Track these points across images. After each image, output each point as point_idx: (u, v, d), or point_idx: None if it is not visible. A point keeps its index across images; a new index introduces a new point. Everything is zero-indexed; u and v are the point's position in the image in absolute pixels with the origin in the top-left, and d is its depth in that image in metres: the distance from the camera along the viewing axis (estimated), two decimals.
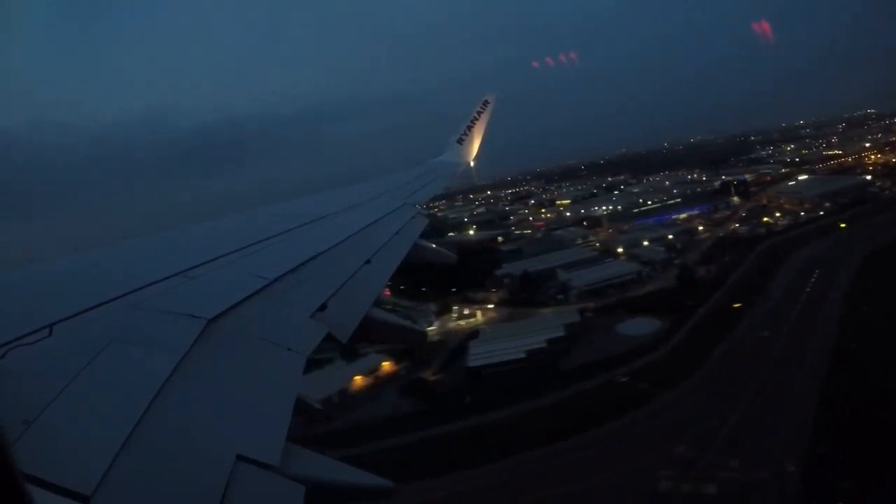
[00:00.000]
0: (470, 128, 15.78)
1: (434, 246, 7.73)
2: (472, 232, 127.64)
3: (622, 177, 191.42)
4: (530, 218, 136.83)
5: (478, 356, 57.07)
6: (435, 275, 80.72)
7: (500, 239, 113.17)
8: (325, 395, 49.14)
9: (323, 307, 3.97)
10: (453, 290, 77.42)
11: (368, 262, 5.26)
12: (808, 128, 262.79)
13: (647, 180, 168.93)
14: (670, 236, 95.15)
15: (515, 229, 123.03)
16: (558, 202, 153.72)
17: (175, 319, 3.21)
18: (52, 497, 1.70)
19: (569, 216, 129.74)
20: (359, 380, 56.99)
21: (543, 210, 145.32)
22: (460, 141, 15.61)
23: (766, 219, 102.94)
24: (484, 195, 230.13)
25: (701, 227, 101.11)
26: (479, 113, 15.97)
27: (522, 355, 55.52)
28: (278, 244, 5.35)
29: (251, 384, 2.92)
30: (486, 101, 16.23)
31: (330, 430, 45.12)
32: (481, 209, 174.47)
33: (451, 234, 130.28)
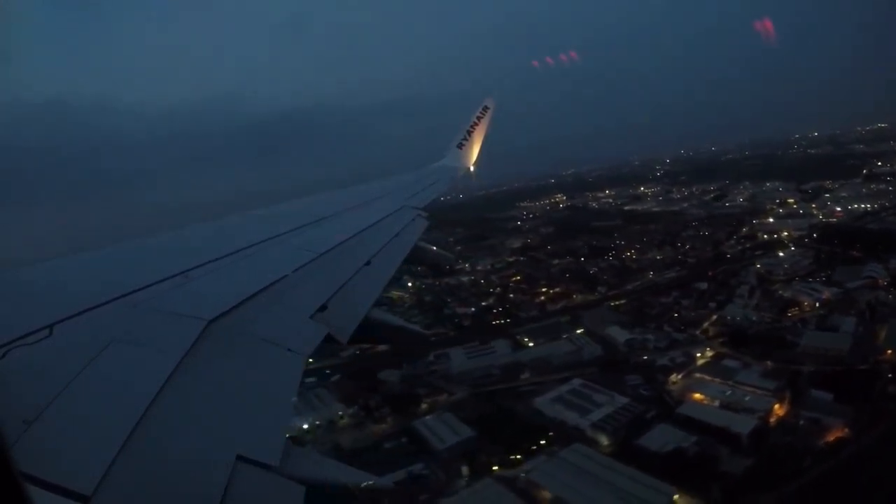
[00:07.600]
0: (470, 132, 15.97)
1: (434, 248, 7.90)
2: (771, 220, 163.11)
3: (777, 182, 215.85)
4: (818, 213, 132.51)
5: None
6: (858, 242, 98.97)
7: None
8: None
9: (323, 308, 4.02)
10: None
11: (369, 263, 5.35)
12: (861, 143, 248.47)
13: (829, 186, 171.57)
14: None
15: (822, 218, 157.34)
16: (789, 200, 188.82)
17: (175, 320, 3.23)
18: (52, 497, 1.70)
19: (839, 210, 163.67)
20: None
21: (794, 207, 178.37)
22: (460, 146, 15.78)
23: None
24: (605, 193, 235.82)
25: None
26: (479, 118, 16.19)
27: None
28: (279, 245, 5.42)
29: (251, 385, 2.93)
30: (485, 106, 16.46)
31: None
32: (685, 203, 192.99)
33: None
